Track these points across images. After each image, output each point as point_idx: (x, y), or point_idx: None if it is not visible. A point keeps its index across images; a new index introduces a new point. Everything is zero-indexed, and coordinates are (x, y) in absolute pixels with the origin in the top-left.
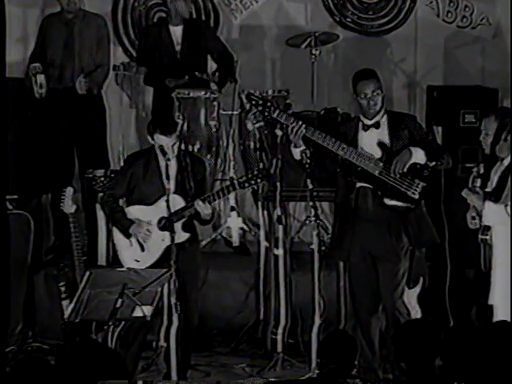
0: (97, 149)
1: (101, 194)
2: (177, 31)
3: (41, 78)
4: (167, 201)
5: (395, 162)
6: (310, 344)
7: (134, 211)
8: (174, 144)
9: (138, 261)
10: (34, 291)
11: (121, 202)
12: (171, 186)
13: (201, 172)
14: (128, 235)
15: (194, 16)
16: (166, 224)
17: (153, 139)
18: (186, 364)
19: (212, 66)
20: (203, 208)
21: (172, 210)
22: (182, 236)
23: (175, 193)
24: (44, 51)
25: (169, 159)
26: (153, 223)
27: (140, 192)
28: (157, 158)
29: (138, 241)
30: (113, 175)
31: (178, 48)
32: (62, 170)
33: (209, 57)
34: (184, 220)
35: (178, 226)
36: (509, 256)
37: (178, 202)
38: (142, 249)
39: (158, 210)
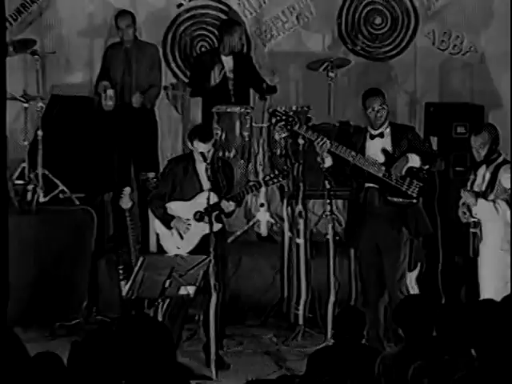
0: (149, 155)
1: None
2: (228, 61)
3: (110, 92)
4: (208, 198)
5: (394, 166)
6: (326, 318)
7: (175, 206)
8: (209, 150)
9: (179, 247)
10: (97, 273)
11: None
12: (206, 184)
13: (228, 173)
14: (169, 227)
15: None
16: (200, 216)
17: (192, 145)
18: (222, 334)
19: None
20: (227, 206)
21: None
22: (215, 226)
23: (210, 190)
24: (108, 74)
25: (204, 162)
26: (190, 216)
27: (181, 190)
28: (194, 161)
29: (177, 231)
30: None
31: (229, 75)
32: (121, 172)
33: None
34: (216, 213)
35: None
36: (494, 245)
37: (212, 199)
38: (181, 237)
39: (195, 204)
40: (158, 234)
